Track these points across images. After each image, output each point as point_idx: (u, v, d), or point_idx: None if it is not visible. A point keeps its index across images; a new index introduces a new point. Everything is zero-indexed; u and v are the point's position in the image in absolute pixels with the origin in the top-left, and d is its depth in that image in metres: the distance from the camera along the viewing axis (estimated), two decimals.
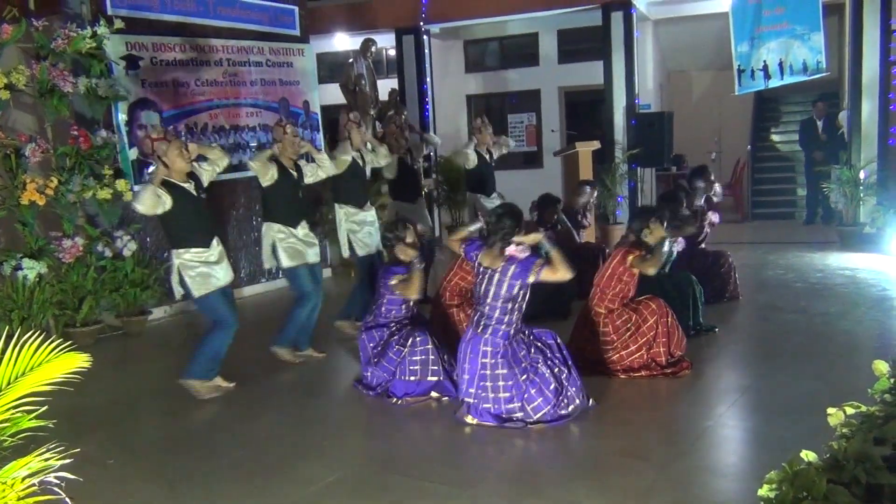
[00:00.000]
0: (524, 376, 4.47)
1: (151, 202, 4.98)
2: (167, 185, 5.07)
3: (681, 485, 3.71)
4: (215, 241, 5.37)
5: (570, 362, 4.64)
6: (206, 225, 5.36)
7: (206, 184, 5.42)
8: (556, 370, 4.55)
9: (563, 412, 4.49)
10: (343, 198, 6.86)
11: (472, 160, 8.11)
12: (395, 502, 3.67)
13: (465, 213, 8.78)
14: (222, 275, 5.35)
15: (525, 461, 4.22)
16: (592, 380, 5.08)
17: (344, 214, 6.82)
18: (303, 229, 6.13)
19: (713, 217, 7.40)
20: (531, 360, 4.53)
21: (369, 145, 7.07)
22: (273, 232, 6.03)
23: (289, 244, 6.03)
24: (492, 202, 8.30)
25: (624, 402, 4.96)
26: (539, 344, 4.63)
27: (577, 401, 4.57)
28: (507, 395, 4.47)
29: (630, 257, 5.35)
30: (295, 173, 6.09)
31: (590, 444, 4.35)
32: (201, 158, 5.49)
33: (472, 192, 8.36)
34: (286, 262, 6.03)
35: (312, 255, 6.15)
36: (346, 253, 7.01)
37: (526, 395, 4.46)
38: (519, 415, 4.47)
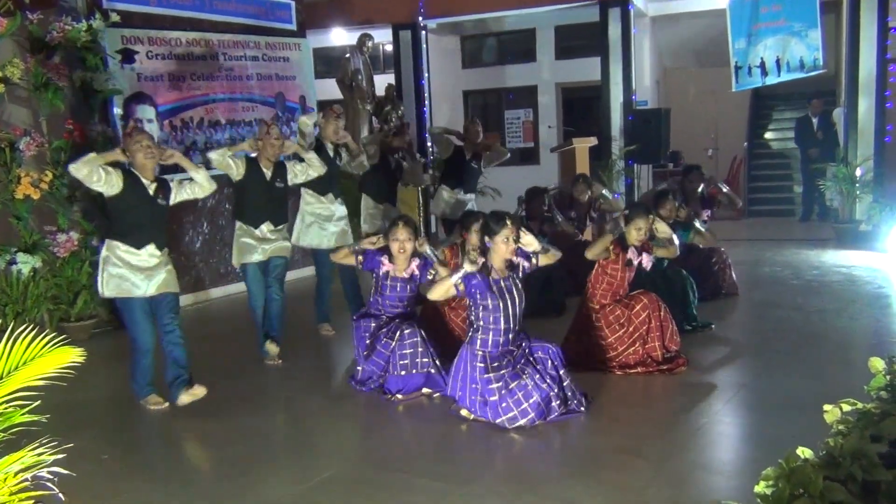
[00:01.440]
0: (500, 384, 4.40)
1: (87, 169, 4.67)
2: (125, 173, 4.86)
3: (677, 482, 3.71)
4: (152, 248, 4.95)
5: (564, 382, 4.54)
6: (148, 228, 4.96)
7: (173, 199, 5.08)
8: (546, 385, 4.45)
9: (560, 412, 4.47)
10: (308, 184, 6.53)
11: (448, 147, 8.01)
12: (389, 499, 3.65)
13: (437, 205, 8.36)
14: (144, 285, 4.93)
15: (520, 458, 4.21)
16: (588, 376, 5.08)
17: (303, 202, 6.61)
18: (267, 227, 5.88)
19: (704, 215, 7.41)
20: (512, 373, 4.44)
21: (350, 145, 6.77)
22: (235, 229, 5.92)
23: (241, 242, 5.88)
24: (454, 197, 8.11)
25: (620, 398, 4.96)
26: (532, 358, 4.57)
27: (582, 409, 4.55)
28: (483, 401, 4.45)
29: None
30: (269, 173, 5.83)
31: (585, 441, 4.34)
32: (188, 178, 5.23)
33: (443, 184, 8.22)
34: (234, 258, 5.92)
35: (266, 252, 5.90)
36: (294, 239, 6.59)
37: (503, 405, 4.40)
38: (496, 422, 4.43)
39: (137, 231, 4.93)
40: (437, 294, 4.56)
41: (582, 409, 4.56)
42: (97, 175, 4.73)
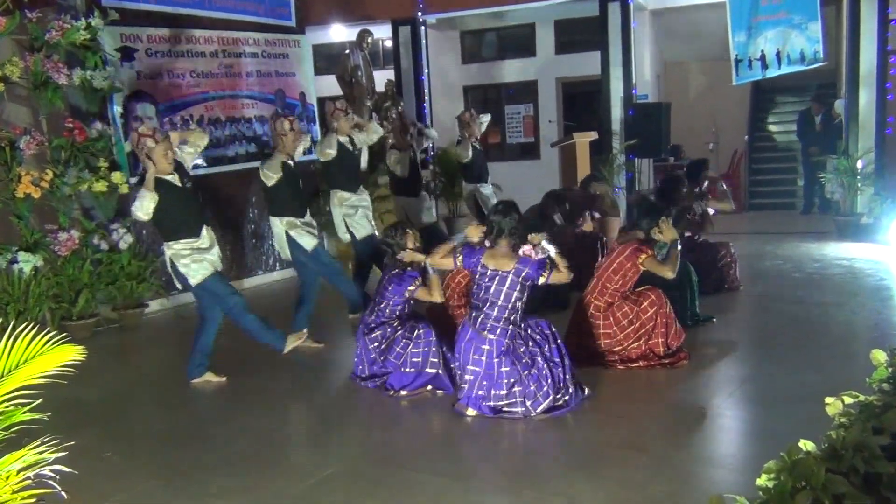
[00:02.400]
0: (526, 372, 4.45)
1: (151, 205, 5.04)
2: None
3: (679, 475, 3.71)
4: (205, 230, 5.33)
5: (563, 352, 4.61)
6: (195, 214, 5.33)
7: (189, 167, 5.42)
8: (552, 363, 4.51)
9: (559, 403, 4.48)
10: (336, 184, 7.00)
11: (469, 155, 8.48)
12: (391, 495, 3.66)
13: (464, 205, 8.98)
14: (215, 259, 5.37)
15: (522, 453, 4.21)
16: (590, 370, 5.08)
17: (338, 200, 6.95)
18: (308, 217, 6.30)
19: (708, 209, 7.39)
20: (531, 355, 4.51)
21: (361, 123, 7.16)
22: (283, 224, 6.17)
23: (301, 231, 6.20)
24: (486, 188, 8.50)
25: (622, 393, 4.96)
26: (536, 336, 4.60)
27: (571, 389, 4.55)
28: (507, 391, 4.45)
29: (643, 256, 5.21)
30: (292, 164, 6.16)
31: (587, 436, 4.34)
32: (182, 142, 5.48)
33: (469, 183, 8.54)
34: (309, 245, 6.20)
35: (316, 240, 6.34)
36: (344, 237, 7.10)
37: (527, 391, 4.44)
38: (519, 410, 4.45)
39: (187, 222, 5.25)
40: (436, 256, 4.79)
41: (581, 395, 4.58)
42: (153, 205, 5.05)
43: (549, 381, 4.45)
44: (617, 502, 3.46)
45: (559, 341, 4.64)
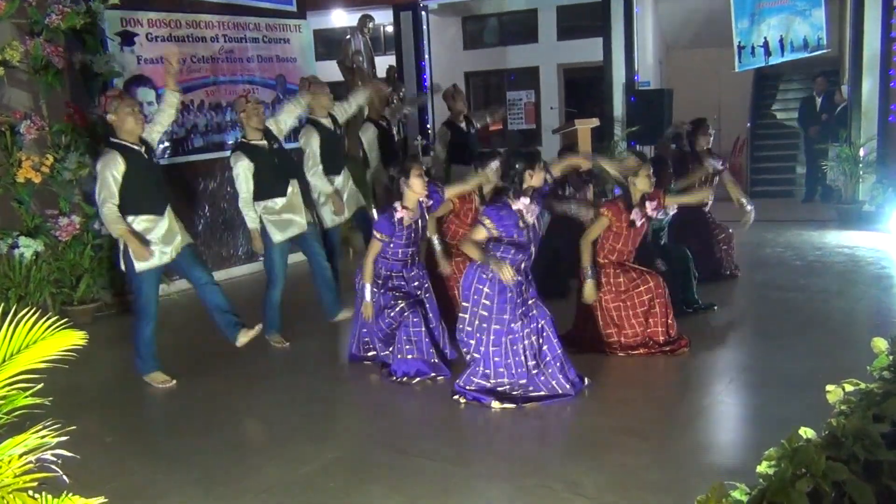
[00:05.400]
0: (517, 323, 4.45)
1: (113, 216, 4.81)
2: (118, 148, 4.89)
3: (679, 462, 3.72)
4: (168, 208, 5.10)
5: (558, 351, 4.58)
6: (160, 192, 5.07)
7: (155, 144, 5.15)
8: (535, 352, 4.51)
9: (536, 393, 4.48)
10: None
11: (445, 139, 8.28)
12: (392, 481, 3.67)
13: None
14: (168, 249, 5.08)
15: (523, 439, 4.22)
16: (590, 358, 5.09)
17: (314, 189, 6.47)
18: (287, 197, 5.88)
19: (717, 165, 7.28)
20: (523, 323, 4.48)
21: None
22: (259, 210, 5.85)
23: (275, 219, 5.85)
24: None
25: (622, 380, 4.97)
26: (540, 323, 4.58)
27: (572, 392, 4.54)
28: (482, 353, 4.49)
29: (603, 211, 5.23)
30: (265, 143, 5.83)
31: (588, 423, 4.35)
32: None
33: (453, 164, 8.38)
34: (276, 237, 5.84)
35: (299, 226, 5.92)
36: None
37: (498, 349, 4.47)
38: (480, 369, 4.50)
39: (151, 198, 5.02)
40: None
41: (571, 390, 4.55)
42: (115, 185, 4.81)
43: (520, 359, 4.45)
44: (617, 488, 3.48)
45: (554, 340, 4.58)
